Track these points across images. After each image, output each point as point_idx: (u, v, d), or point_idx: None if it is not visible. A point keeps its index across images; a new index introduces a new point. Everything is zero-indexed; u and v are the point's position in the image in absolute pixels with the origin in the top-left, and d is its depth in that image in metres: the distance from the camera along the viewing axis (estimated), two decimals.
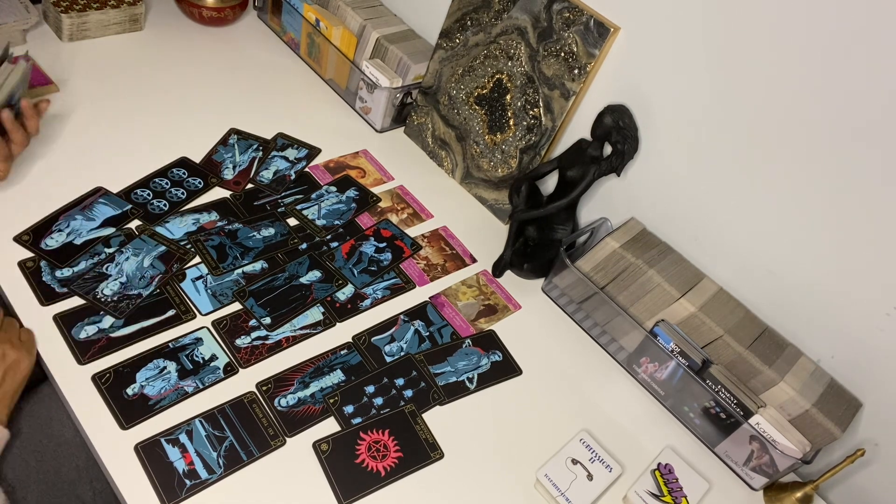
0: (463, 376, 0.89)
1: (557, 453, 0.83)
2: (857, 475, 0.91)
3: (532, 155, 1.06)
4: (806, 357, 0.90)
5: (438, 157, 1.19)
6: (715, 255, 0.97)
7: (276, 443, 0.76)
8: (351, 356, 0.86)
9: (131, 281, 0.85)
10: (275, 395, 0.80)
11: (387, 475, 0.76)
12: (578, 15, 0.95)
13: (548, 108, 1.02)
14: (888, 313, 0.83)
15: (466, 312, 0.97)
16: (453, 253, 1.05)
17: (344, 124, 1.20)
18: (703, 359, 0.88)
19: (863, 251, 0.82)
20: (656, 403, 0.95)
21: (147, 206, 0.94)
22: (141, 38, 1.22)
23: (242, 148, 1.08)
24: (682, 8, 0.87)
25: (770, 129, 0.85)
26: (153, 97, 1.11)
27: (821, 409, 0.84)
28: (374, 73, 1.15)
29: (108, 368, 0.76)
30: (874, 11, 0.72)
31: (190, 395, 0.77)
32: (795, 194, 0.86)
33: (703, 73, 0.88)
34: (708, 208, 0.95)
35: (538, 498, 0.80)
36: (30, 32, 1.12)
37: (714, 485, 0.87)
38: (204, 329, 0.83)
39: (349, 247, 0.99)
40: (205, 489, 0.70)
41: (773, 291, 0.93)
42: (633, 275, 0.95)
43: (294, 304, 0.89)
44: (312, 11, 1.22)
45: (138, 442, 0.72)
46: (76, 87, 1.07)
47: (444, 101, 1.15)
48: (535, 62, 1.01)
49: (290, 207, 1.01)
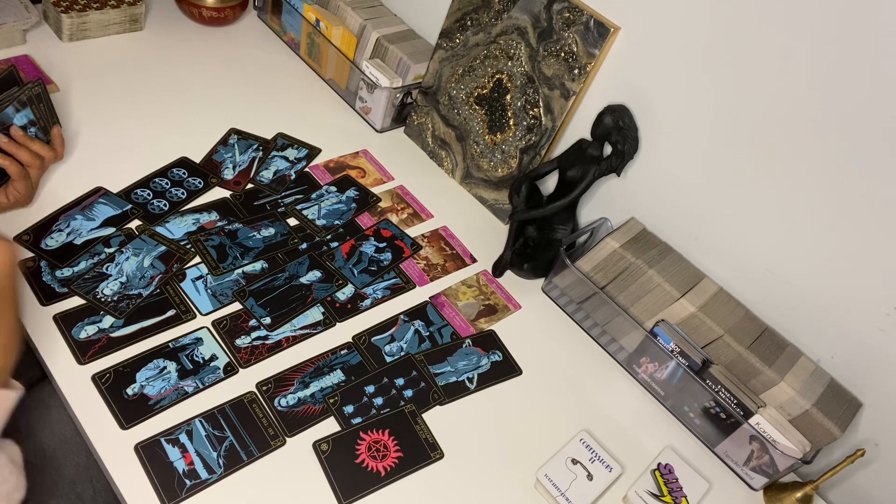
0: (463, 376, 0.89)
1: (557, 453, 0.83)
2: (857, 475, 0.91)
3: (532, 155, 1.06)
4: (806, 357, 0.90)
5: (438, 157, 1.19)
6: (715, 255, 0.97)
7: (276, 443, 0.76)
8: (351, 356, 0.86)
9: (131, 281, 0.85)
10: (275, 395, 0.80)
11: (387, 475, 0.76)
12: (578, 15, 0.95)
13: (548, 108, 1.02)
14: (888, 313, 0.82)
15: (466, 312, 0.97)
16: (453, 253, 1.05)
17: (344, 124, 1.20)
18: (703, 359, 0.88)
19: (863, 251, 0.82)
20: (656, 403, 0.95)
21: (147, 206, 0.94)
22: (141, 38, 1.22)
23: (242, 148, 1.08)
24: (682, 8, 0.87)
25: (771, 129, 0.85)
26: (153, 97, 1.11)
27: (821, 409, 0.84)
28: (374, 73, 1.15)
29: (108, 368, 0.76)
30: (879, 11, 0.72)
31: (190, 395, 0.77)
32: (796, 194, 0.86)
33: (704, 73, 0.88)
34: (708, 208, 0.95)
35: (538, 498, 0.80)
36: (30, 32, 1.12)
37: (714, 485, 0.87)
38: (204, 329, 0.83)
39: (349, 247, 0.99)
40: (205, 489, 0.70)
41: (773, 291, 0.93)
42: (633, 275, 0.95)
43: (294, 304, 0.89)
44: (312, 11, 1.22)
45: (138, 442, 0.72)
46: (76, 87, 1.07)
47: (444, 101, 1.15)
48: (535, 62, 1.01)
49: (290, 207, 1.01)
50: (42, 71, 1.06)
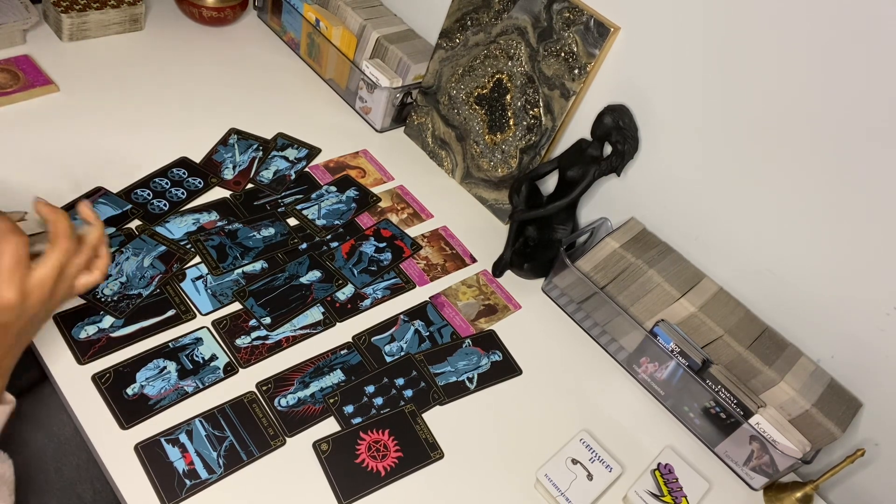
0: (463, 376, 0.89)
1: (557, 453, 0.83)
2: (857, 475, 0.91)
3: (532, 155, 1.06)
4: (806, 357, 0.90)
5: (438, 157, 1.19)
6: (715, 255, 0.97)
7: (276, 443, 0.76)
8: (351, 356, 0.86)
9: (131, 281, 0.85)
10: (275, 394, 0.80)
11: (387, 475, 0.76)
12: (578, 15, 0.95)
13: (548, 108, 1.02)
14: (888, 313, 0.82)
15: (466, 312, 0.97)
16: (453, 253, 1.05)
17: (344, 124, 1.20)
18: (703, 359, 0.88)
19: (863, 251, 0.82)
20: (656, 403, 0.95)
21: (147, 206, 0.94)
22: (141, 38, 1.22)
23: (242, 148, 1.08)
24: (682, 8, 0.87)
25: (771, 129, 0.85)
26: (153, 97, 1.11)
27: (821, 409, 0.84)
28: (374, 73, 1.15)
29: (108, 368, 0.76)
30: (877, 9, 0.72)
31: (190, 395, 0.77)
32: (796, 194, 0.86)
33: (704, 73, 0.88)
34: (708, 208, 0.95)
35: (538, 498, 0.80)
36: (30, 32, 1.12)
37: (714, 485, 0.87)
38: (204, 329, 0.83)
39: (349, 247, 0.99)
40: (205, 489, 0.70)
41: (773, 291, 0.93)
42: (633, 275, 0.95)
43: (294, 304, 0.89)
44: (312, 11, 1.22)
45: (138, 442, 0.72)
46: (76, 87, 1.07)
47: (444, 101, 1.15)
48: (535, 62, 1.01)
49: (290, 207, 1.01)
50: (42, 71, 1.06)
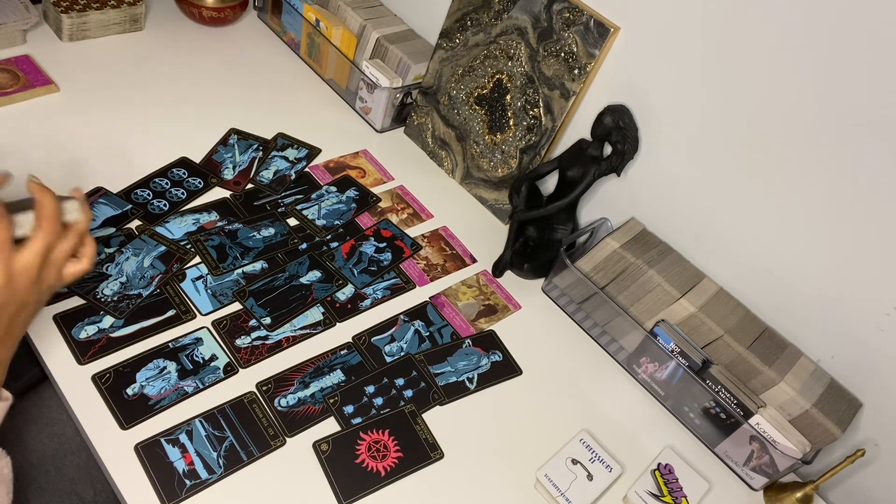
0: (463, 376, 0.89)
1: (557, 453, 0.83)
2: (857, 475, 0.91)
3: (532, 155, 1.06)
4: (806, 357, 0.90)
5: (438, 157, 1.19)
6: (715, 255, 0.97)
7: (276, 443, 0.76)
8: (351, 356, 0.86)
9: (131, 281, 0.85)
10: (275, 395, 0.80)
11: (387, 475, 0.76)
12: (578, 15, 0.95)
13: (548, 108, 1.02)
14: (888, 313, 0.82)
15: (466, 312, 0.97)
16: (453, 253, 1.05)
17: (344, 124, 1.20)
18: (703, 359, 0.88)
19: (863, 251, 0.82)
20: (656, 403, 0.95)
21: (147, 206, 0.94)
22: (141, 38, 1.22)
23: (242, 148, 1.08)
24: (682, 8, 0.87)
25: (771, 129, 0.85)
26: (153, 97, 1.11)
27: (821, 409, 0.84)
28: (374, 73, 1.15)
29: (108, 368, 0.76)
30: (877, 9, 0.72)
31: (190, 395, 0.77)
32: (796, 194, 0.86)
33: (704, 73, 0.88)
34: (708, 208, 0.95)
35: (538, 498, 0.80)
36: (30, 32, 1.12)
37: (714, 485, 0.87)
38: (204, 329, 0.83)
39: (349, 247, 0.99)
40: (205, 489, 0.70)
41: (773, 291, 0.93)
42: (633, 275, 0.95)
43: (294, 304, 0.89)
44: (312, 11, 1.22)
45: (138, 442, 0.72)
46: (76, 87, 1.07)
47: (444, 101, 1.15)
48: (535, 62, 1.01)
49: (290, 207, 1.01)
50: (42, 71, 1.06)
